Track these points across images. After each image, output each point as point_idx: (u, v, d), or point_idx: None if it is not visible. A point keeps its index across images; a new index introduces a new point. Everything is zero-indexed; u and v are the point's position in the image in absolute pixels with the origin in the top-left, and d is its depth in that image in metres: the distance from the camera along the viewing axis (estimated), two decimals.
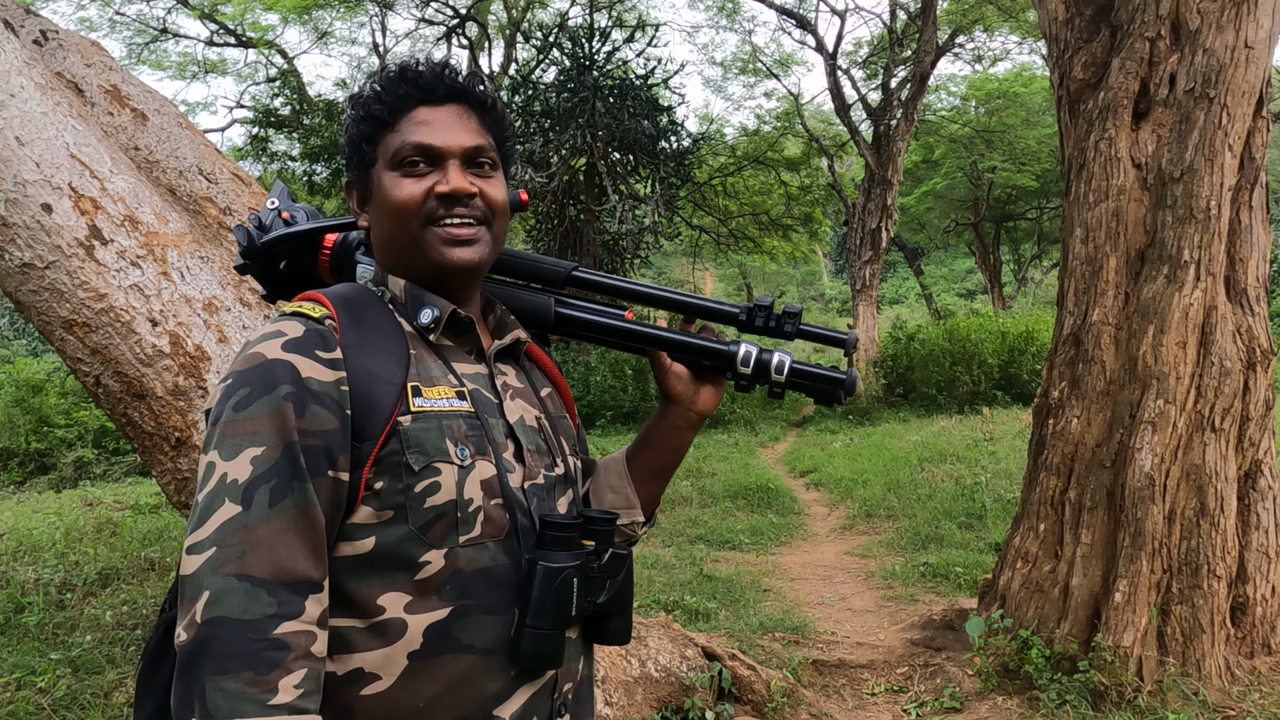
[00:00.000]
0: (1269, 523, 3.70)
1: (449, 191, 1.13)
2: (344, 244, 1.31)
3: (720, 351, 1.28)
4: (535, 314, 1.32)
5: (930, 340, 15.72)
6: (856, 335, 1.27)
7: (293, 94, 18.91)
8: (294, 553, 0.97)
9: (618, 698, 3.21)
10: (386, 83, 1.18)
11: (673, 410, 1.33)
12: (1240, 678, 3.50)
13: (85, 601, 4.95)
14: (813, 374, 1.26)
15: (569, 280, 1.34)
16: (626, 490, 1.35)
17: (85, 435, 11.39)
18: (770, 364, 1.25)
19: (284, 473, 0.99)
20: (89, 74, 3.01)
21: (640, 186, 16.34)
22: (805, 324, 1.28)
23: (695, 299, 1.32)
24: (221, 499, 0.97)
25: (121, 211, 2.57)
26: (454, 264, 1.15)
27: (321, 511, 1.01)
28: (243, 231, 1.31)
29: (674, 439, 1.34)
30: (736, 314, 1.29)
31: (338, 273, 1.31)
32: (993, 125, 22.87)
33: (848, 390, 1.25)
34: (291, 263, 1.33)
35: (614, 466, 1.38)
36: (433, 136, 1.15)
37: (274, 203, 1.33)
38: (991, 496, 7.41)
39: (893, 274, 48.50)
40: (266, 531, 0.96)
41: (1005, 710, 3.57)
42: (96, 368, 2.50)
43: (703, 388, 1.32)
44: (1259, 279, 3.75)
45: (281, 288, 1.35)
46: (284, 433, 1.00)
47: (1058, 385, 3.97)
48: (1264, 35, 3.61)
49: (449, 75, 1.18)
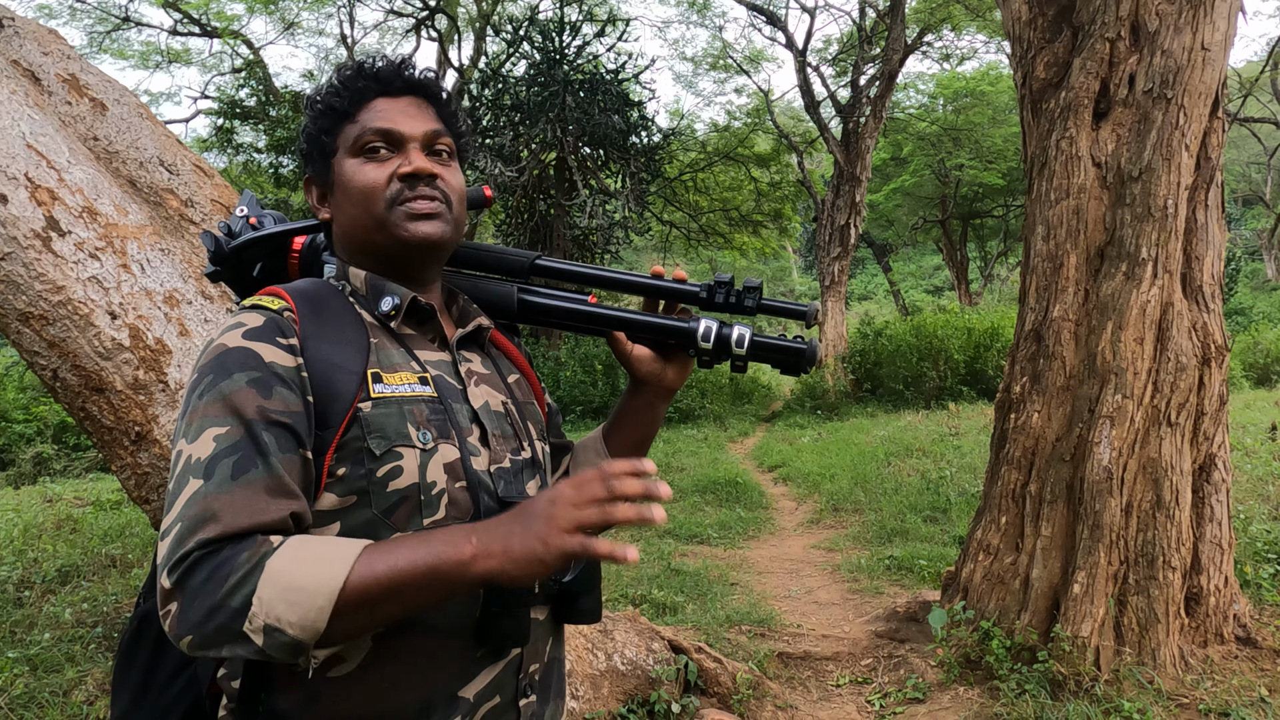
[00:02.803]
0: (1222, 515, 3.79)
1: (412, 171, 1.17)
2: (312, 246, 1.33)
3: (681, 329, 1.31)
4: (500, 303, 1.34)
5: (898, 336, 15.87)
6: (816, 306, 1.29)
7: (259, 85, 18.66)
8: (257, 510, 0.96)
9: (584, 691, 3.22)
10: (345, 78, 1.21)
11: (643, 388, 1.37)
12: (1194, 666, 3.58)
13: (44, 599, 4.87)
14: (774, 345, 1.28)
15: (532, 269, 1.36)
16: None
17: (44, 431, 11.20)
18: (731, 338, 1.27)
19: (248, 447, 0.99)
20: (46, 62, 2.95)
21: (611, 181, 16.33)
22: (766, 298, 1.30)
23: (656, 281, 1.34)
24: (186, 479, 0.97)
25: (80, 203, 2.53)
26: (419, 238, 1.17)
27: (294, 484, 1.00)
28: (210, 238, 1.32)
29: (647, 413, 1.38)
30: (697, 292, 1.32)
31: (307, 274, 1.33)
32: (960, 123, 23.14)
33: (809, 359, 1.28)
34: (263, 267, 1.34)
35: (591, 445, 1.42)
36: (393, 122, 1.19)
37: (242, 210, 1.35)
38: (956, 490, 7.50)
39: (861, 270, 48.89)
40: (226, 500, 0.95)
41: (966, 700, 3.62)
42: (54, 361, 2.46)
43: (669, 364, 1.36)
44: (1214, 276, 3.82)
45: (254, 293, 1.35)
46: (247, 411, 1.00)
47: (1019, 380, 4.03)
48: (1220, 37, 3.69)
49: (406, 69, 1.23)
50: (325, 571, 0.89)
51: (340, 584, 0.89)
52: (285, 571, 0.90)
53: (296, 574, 0.89)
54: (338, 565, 0.90)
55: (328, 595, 0.88)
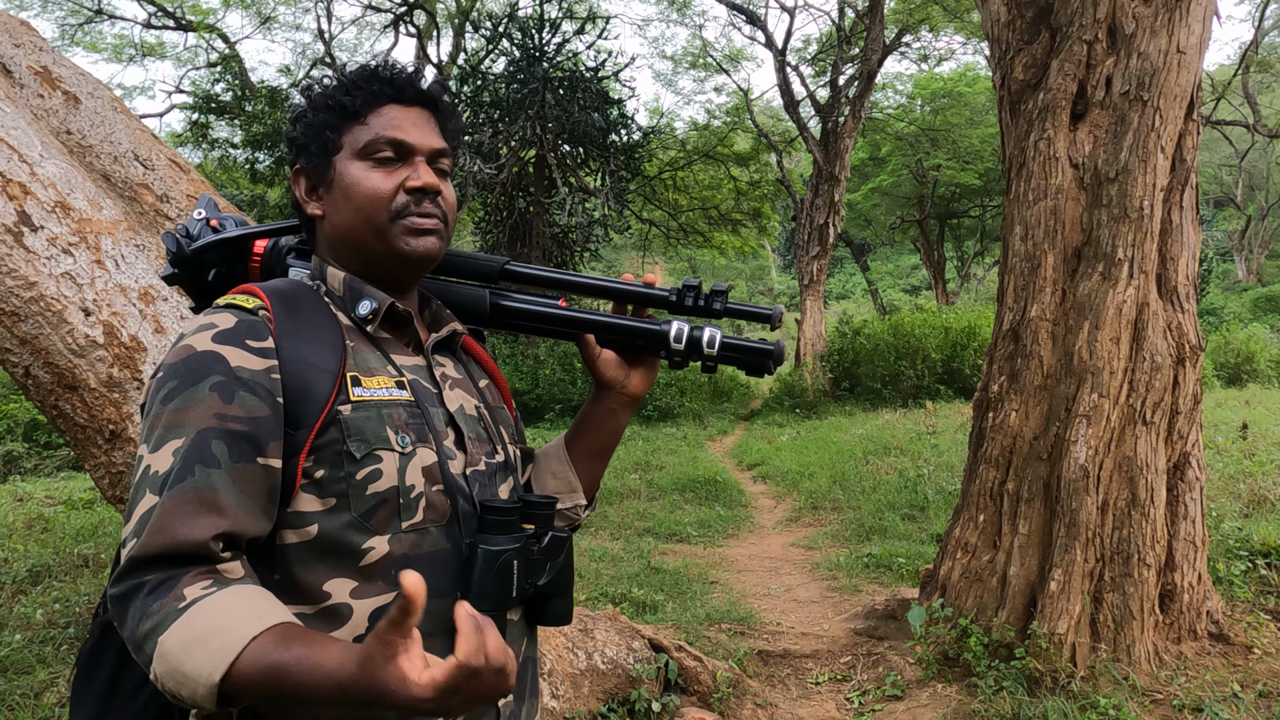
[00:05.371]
0: (1196, 513, 3.83)
1: (421, 185, 1.17)
2: (274, 250, 1.31)
3: (652, 331, 1.32)
4: (472, 307, 1.35)
5: (876, 335, 15.96)
6: (781, 309, 1.32)
7: (235, 80, 18.44)
8: (182, 530, 0.96)
9: (564, 690, 3.21)
10: (359, 77, 1.21)
11: (607, 394, 1.37)
12: (1168, 662, 3.62)
13: (15, 600, 4.80)
14: (742, 346, 1.31)
15: (502, 274, 1.37)
16: (568, 474, 1.39)
17: (15, 429, 11.02)
18: (701, 339, 1.30)
19: (196, 456, 0.99)
20: (18, 54, 2.90)
21: (590, 179, 16.29)
22: (732, 302, 1.32)
23: (627, 285, 1.35)
24: (143, 491, 0.99)
25: (52, 197, 2.49)
26: (417, 253, 1.18)
27: (234, 498, 1.00)
28: (171, 239, 1.30)
29: (609, 421, 1.39)
30: (667, 296, 1.33)
31: (269, 280, 1.30)
32: (937, 124, 23.29)
33: (775, 360, 1.31)
34: (220, 272, 1.32)
35: (554, 453, 1.42)
36: (406, 133, 1.19)
37: (200, 213, 1.33)
38: (934, 488, 7.55)
39: (840, 269, 49.14)
40: (158, 521, 0.96)
41: (944, 697, 3.64)
42: (26, 358, 2.42)
43: (634, 370, 1.37)
44: (1188, 277, 3.87)
45: (210, 299, 1.33)
46: (204, 421, 1.01)
47: (997, 379, 4.06)
48: (1195, 40, 3.73)
49: (419, 79, 1.24)
50: (204, 666, 0.87)
51: (219, 677, 0.86)
52: (172, 653, 0.89)
53: (182, 657, 0.88)
54: (216, 659, 0.86)
55: (207, 688, 0.86)
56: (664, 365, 1.41)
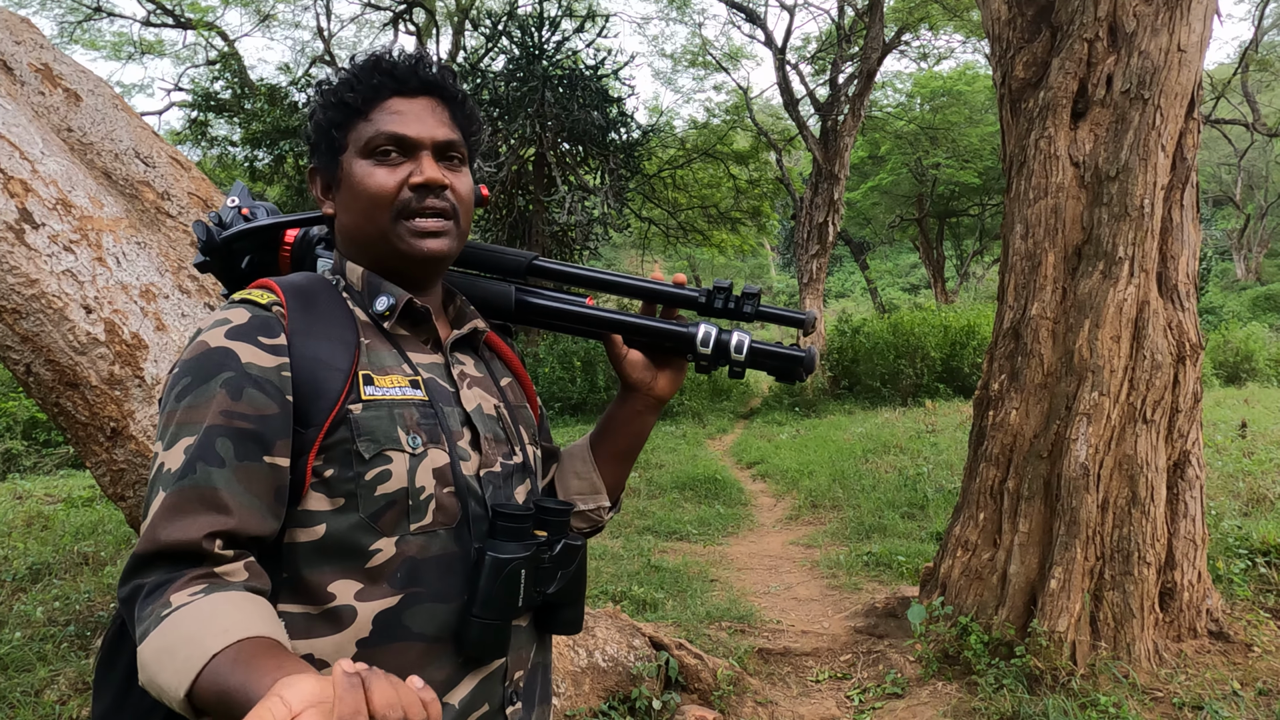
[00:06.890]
0: (1196, 511, 3.83)
1: (423, 181, 1.14)
2: (305, 240, 1.30)
3: (680, 333, 1.29)
4: (497, 303, 1.32)
5: (875, 334, 15.96)
6: (815, 314, 1.29)
7: (234, 77, 18.43)
8: (175, 527, 0.95)
9: (565, 688, 3.21)
10: (360, 71, 1.18)
11: (632, 396, 1.35)
12: (1168, 660, 3.62)
13: (15, 597, 4.80)
14: (773, 352, 1.28)
15: (529, 270, 1.35)
16: (592, 475, 1.38)
17: (14, 426, 11.01)
18: (730, 344, 1.27)
19: (202, 453, 0.99)
20: (19, 51, 2.90)
21: (589, 177, 16.29)
22: (764, 305, 1.29)
23: (656, 285, 1.32)
24: (157, 489, 0.98)
25: (54, 195, 2.49)
26: (423, 254, 1.16)
27: (237, 497, 0.99)
28: (202, 228, 1.29)
29: (635, 423, 1.36)
30: (696, 297, 1.30)
31: (299, 269, 1.30)
32: (937, 122, 23.27)
33: (807, 367, 1.27)
34: (252, 260, 1.32)
35: (578, 453, 1.40)
36: (407, 127, 1.16)
37: (234, 200, 1.32)
38: (933, 487, 7.55)
39: (839, 268, 49.12)
40: (159, 519, 0.96)
41: (945, 695, 3.65)
42: (27, 356, 2.42)
43: (661, 372, 1.34)
44: (1189, 275, 3.87)
45: (242, 286, 1.33)
46: (212, 418, 1.00)
47: (997, 378, 4.06)
48: (1196, 39, 3.73)
49: (423, 68, 1.19)
50: (172, 679, 0.86)
51: (183, 693, 0.85)
52: (149, 663, 0.88)
53: (155, 668, 0.88)
54: (182, 673, 0.85)
55: (179, 703, 0.85)
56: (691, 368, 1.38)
